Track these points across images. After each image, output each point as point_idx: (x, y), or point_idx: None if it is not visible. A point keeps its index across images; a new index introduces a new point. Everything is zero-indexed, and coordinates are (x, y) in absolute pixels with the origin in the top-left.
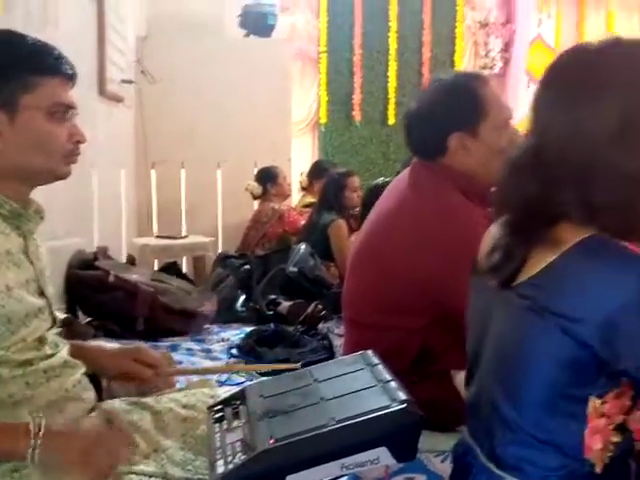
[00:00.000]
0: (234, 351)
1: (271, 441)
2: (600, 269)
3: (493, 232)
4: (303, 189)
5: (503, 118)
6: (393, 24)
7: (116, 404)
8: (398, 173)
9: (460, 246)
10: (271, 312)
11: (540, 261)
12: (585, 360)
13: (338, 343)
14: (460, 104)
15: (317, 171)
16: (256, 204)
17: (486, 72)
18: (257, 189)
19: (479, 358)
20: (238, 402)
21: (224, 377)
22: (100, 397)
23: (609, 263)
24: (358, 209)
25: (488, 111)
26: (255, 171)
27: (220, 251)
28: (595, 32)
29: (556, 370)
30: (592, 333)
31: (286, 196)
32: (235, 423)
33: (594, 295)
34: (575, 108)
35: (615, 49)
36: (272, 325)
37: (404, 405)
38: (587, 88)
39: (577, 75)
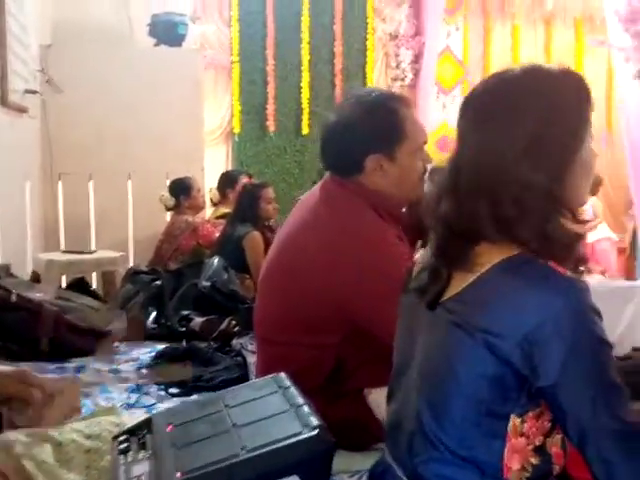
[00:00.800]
0: (144, 371)
1: (178, 475)
2: (520, 285)
3: (424, 253)
4: (214, 205)
5: (419, 142)
6: (305, 35)
7: (12, 436)
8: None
9: (374, 263)
10: (183, 329)
11: (464, 279)
12: (507, 377)
13: (252, 360)
14: (381, 125)
15: (227, 181)
16: (169, 216)
17: (398, 83)
18: (170, 201)
19: (404, 374)
20: (144, 431)
21: (133, 399)
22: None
23: (529, 280)
24: (272, 221)
25: (407, 134)
26: (167, 182)
27: (131, 266)
28: (501, 44)
29: (480, 386)
30: (513, 349)
31: (200, 208)
32: (141, 454)
33: (514, 311)
34: (487, 129)
35: (530, 76)
36: (184, 342)
37: (316, 431)
38: (499, 110)
39: (492, 99)
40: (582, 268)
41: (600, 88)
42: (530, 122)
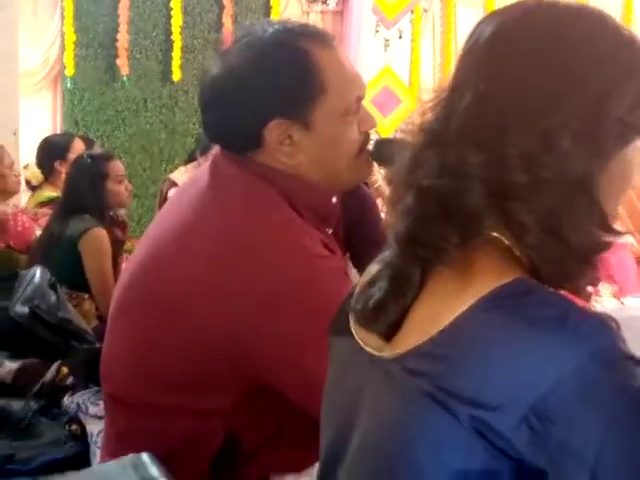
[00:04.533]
0: None
1: None
2: (523, 330)
3: (369, 269)
4: (33, 187)
5: (351, 98)
6: None
7: None
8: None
9: (290, 289)
10: None
11: (439, 311)
12: (503, 474)
13: (96, 430)
14: (283, 75)
15: (53, 150)
16: None
17: (317, 8)
18: None
19: (339, 462)
20: None
21: None
22: None
23: (536, 321)
24: (124, 211)
25: (326, 87)
26: None
27: None
28: None
29: None
30: (515, 428)
31: (10, 192)
32: None
33: (516, 370)
34: (514, 64)
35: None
36: None
37: None
38: (539, 46)
39: (529, 29)
40: (590, 290)
41: None
42: (588, 78)
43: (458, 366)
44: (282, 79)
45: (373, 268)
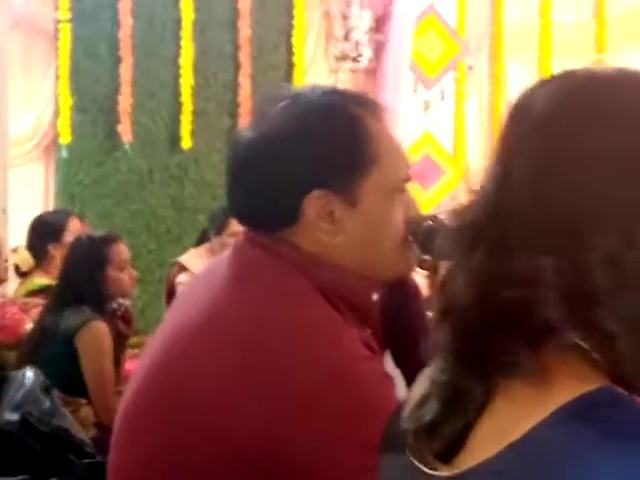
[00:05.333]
0: None
1: None
2: (609, 449)
3: (418, 384)
4: (22, 274)
5: (400, 176)
6: None
7: None
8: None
9: (332, 400)
10: None
11: (508, 425)
12: None
13: None
14: (331, 141)
15: (46, 231)
16: None
17: (346, 65)
18: None
19: None
20: None
21: None
22: None
23: (626, 442)
24: (127, 302)
25: (378, 161)
26: None
27: None
28: (520, 2)
29: None
30: None
31: None
32: None
33: None
34: (570, 146)
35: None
36: None
37: None
38: (591, 119)
39: (578, 103)
40: None
41: None
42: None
43: None
44: (330, 146)
45: (422, 383)
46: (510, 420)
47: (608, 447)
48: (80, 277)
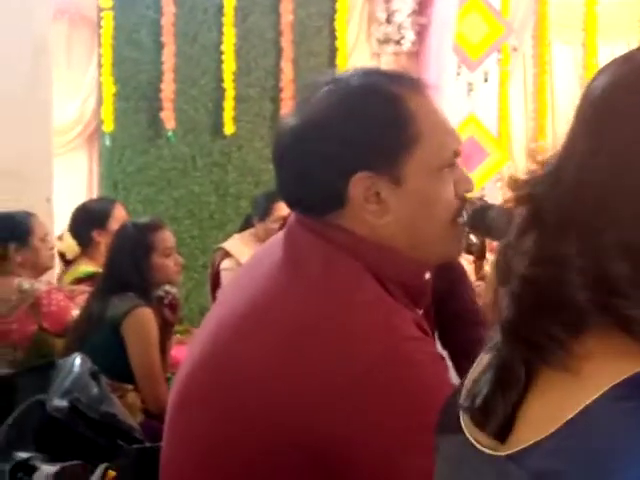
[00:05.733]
0: None
1: None
2: None
3: (481, 359)
4: (67, 262)
5: (448, 151)
6: None
7: None
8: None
9: (389, 382)
10: None
11: (558, 404)
12: None
13: None
14: (372, 122)
15: (90, 218)
16: None
17: (389, 48)
18: None
19: None
20: None
21: None
22: None
23: None
24: (173, 288)
25: (422, 138)
26: None
27: None
28: None
29: None
30: None
31: (44, 267)
32: None
33: None
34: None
35: None
36: None
37: None
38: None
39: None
40: None
41: None
42: None
43: (588, 463)
44: (371, 126)
45: (484, 358)
46: (558, 399)
47: None
48: (125, 264)
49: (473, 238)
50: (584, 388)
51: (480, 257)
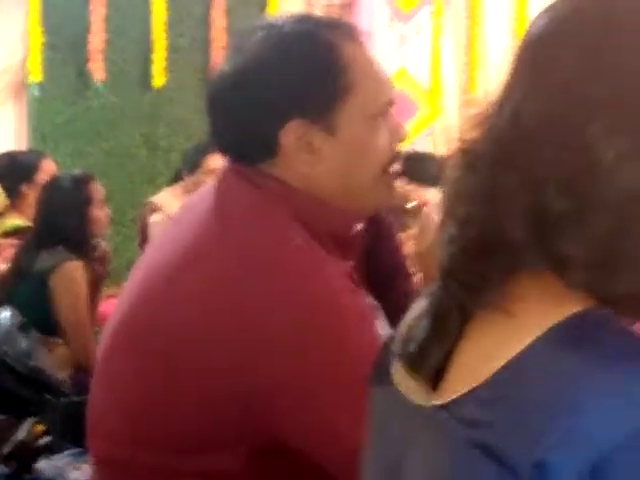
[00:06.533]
0: None
1: None
2: (604, 369)
3: (416, 305)
4: None
5: (382, 100)
6: None
7: None
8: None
9: (316, 328)
10: None
11: (490, 351)
12: None
13: None
14: (306, 70)
15: (17, 171)
16: None
17: (322, 2)
18: None
19: None
20: None
21: None
22: None
23: (612, 361)
24: (101, 241)
25: (356, 86)
26: None
27: None
28: None
29: None
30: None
31: None
32: None
33: (593, 415)
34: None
35: None
36: None
37: None
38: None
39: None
40: None
41: None
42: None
43: (520, 412)
44: (305, 74)
45: (420, 304)
46: (491, 347)
47: (601, 368)
48: (63, 217)
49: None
50: (517, 331)
51: (413, 213)
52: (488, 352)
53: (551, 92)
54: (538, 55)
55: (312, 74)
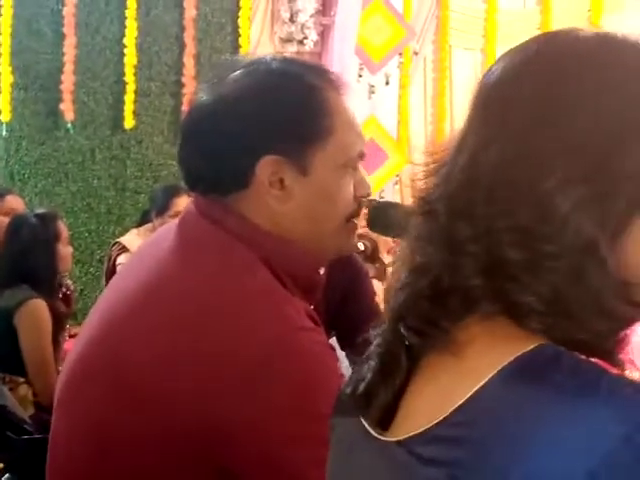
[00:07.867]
0: None
1: None
2: (559, 407)
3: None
4: None
5: (354, 151)
6: None
7: None
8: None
9: (273, 365)
10: None
11: (446, 390)
12: None
13: None
14: (288, 107)
15: None
16: None
17: (291, 48)
18: None
19: None
20: None
21: None
22: None
23: (572, 394)
24: (65, 279)
25: (333, 133)
26: None
27: None
28: None
29: None
30: None
31: None
32: None
33: (551, 453)
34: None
35: (609, 47)
36: None
37: None
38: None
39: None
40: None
41: None
42: (605, 121)
43: (480, 450)
44: (288, 111)
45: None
46: (446, 385)
47: (556, 405)
48: (30, 254)
49: (362, 246)
50: (471, 373)
51: (371, 260)
52: (442, 392)
53: (504, 143)
54: (491, 105)
55: (295, 113)
